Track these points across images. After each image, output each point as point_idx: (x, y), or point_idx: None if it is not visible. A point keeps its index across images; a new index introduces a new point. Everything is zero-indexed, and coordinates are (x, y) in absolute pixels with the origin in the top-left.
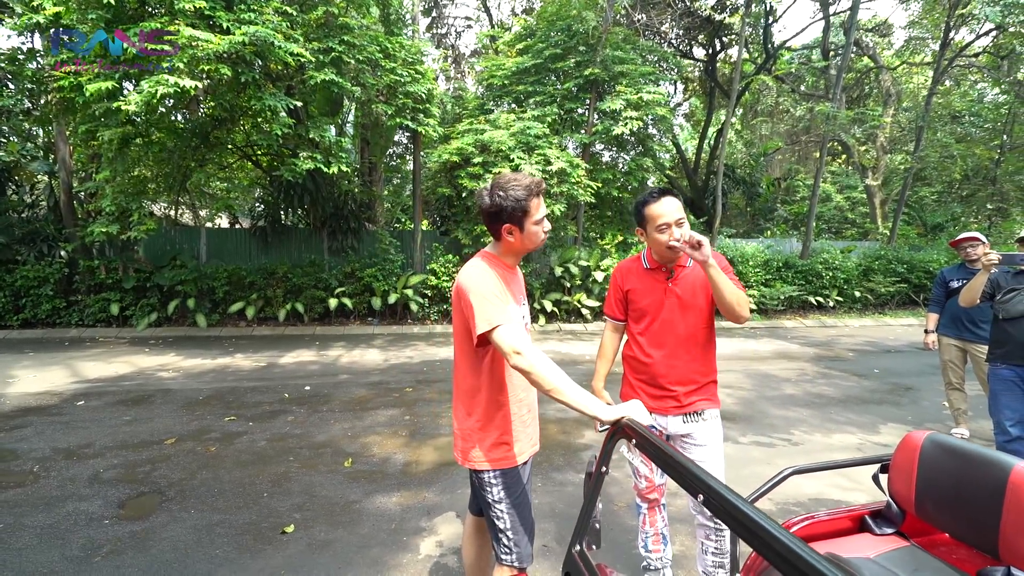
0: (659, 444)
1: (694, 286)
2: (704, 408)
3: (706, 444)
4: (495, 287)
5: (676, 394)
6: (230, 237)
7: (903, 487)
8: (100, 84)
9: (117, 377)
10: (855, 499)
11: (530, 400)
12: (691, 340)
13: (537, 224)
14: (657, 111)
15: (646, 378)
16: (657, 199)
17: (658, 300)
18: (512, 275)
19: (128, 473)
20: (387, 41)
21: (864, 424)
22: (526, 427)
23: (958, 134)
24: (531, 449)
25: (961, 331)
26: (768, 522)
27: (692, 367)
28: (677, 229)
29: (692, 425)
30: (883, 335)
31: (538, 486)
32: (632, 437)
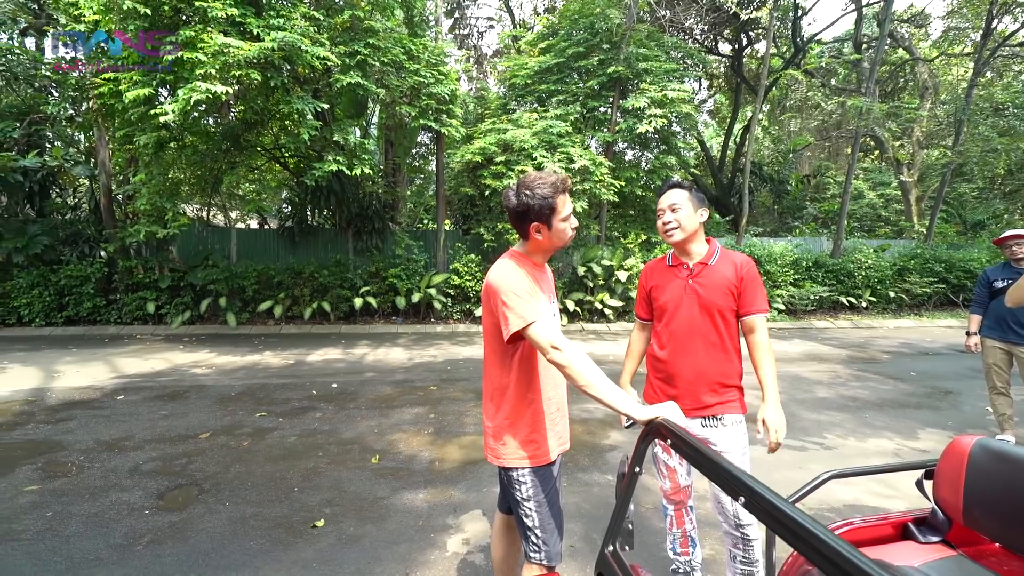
0: (695, 444)
1: (716, 285)
2: (724, 413)
3: (727, 451)
4: (526, 285)
5: (693, 395)
6: (259, 237)
7: (950, 494)
8: (138, 91)
9: (154, 373)
10: (892, 506)
11: (559, 398)
12: (710, 340)
13: (564, 221)
14: (682, 108)
15: (664, 377)
16: (664, 191)
17: (677, 297)
18: (541, 273)
19: (166, 466)
20: (411, 43)
21: (901, 429)
22: (555, 425)
23: (1000, 127)
24: (560, 447)
25: (1006, 333)
26: (814, 525)
27: (711, 368)
28: (669, 213)
29: (711, 431)
30: (920, 337)
31: (564, 486)
32: (667, 437)
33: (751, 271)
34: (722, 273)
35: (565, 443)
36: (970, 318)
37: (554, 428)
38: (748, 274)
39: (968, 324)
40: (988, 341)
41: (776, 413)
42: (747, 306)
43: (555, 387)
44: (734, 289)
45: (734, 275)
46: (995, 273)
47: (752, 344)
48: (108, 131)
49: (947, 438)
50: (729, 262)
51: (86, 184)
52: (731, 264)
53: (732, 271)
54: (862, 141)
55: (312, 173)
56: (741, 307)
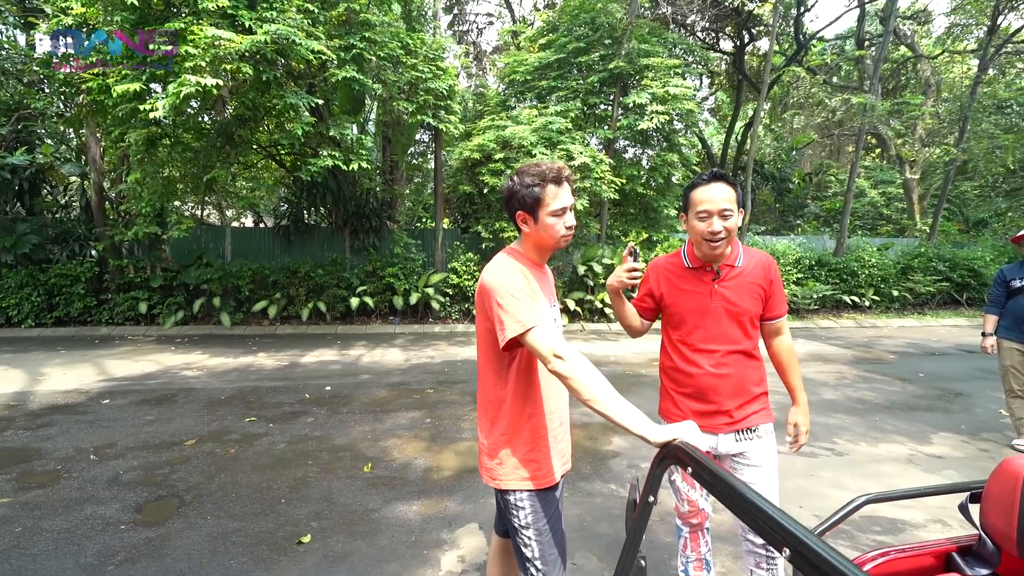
0: (719, 473)
1: (743, 288)
2: (759, 423)
3: (760, 464)
4: (524, 285)
5: (728, 409)
6: (254, 236)
7: (1001, 521)
8: (127, 86)
9: (143, 375)
10: (913, 517)
11: (562, 412)
12: (740, 348)
13: (555, 216)
14: (684, 105)
15: (692, 392)
16: (706, 183)
17: (702, 304)
18: (540, 273)
19: (147, 475)
20: (408, 37)
21: (913, 433)
22: (558, 442)
23: (1004, 124)
24: (563, 467)
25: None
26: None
27: (743, 378)
28: (719, 221)
29: (746, 443)
30: (925, 336)
31: (565, 496)
32: (686, 464)
33: (777, 271)
34: (751, 276)
35: (568, 462)
36: (986, 318)
37: (557, 446)
38: (775, 275)
39: (984, 324)
40: (1006, 343)
41: (806, 417)
42: (775, 309)
43: (557, 400)
44: (763, 292)
45: (763, 276)
46: (1012, 272)
47: (778, 348)
48: (100, 128)
49: (961, 442)
50: (756, 262)
51: (77, 182)
52: (759, 265)
53: (761, 272)
54: (864, 139)
55: (307, 168)
56: (769, 310)
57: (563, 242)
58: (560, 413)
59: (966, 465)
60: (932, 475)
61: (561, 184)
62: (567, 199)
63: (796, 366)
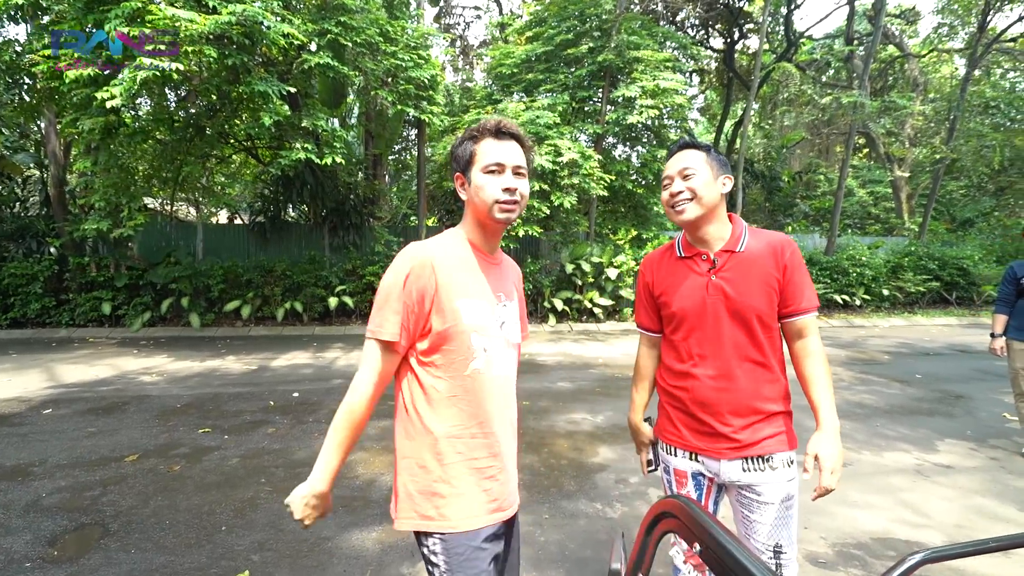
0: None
1: (749, 279)
2: (773, 451)
3: (774, 502)
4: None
5: (731, 430)
6: (228, 233)
7: None
8: (80, 71)
9: (95, 382)
10: (926, 537)
11: (495, 439)
12: (747, 354)
13: (488, 173)
14: (674, 100)
15: (686, 408)
16: (674, 152)
17: (696, 300)
18: (488, 261)
19: (73, 499)
20: (388, 24)
21: (918, 440)
22: (481, 475)
23: (991, 124)
24: (492, 512)
25: None
26: None
27: (753, 393)
28: (681, 181)
29: (756, 474)
30: (917, 336)
31: (544, 518)
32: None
33: (795, 256)
34: (756, 262)
35: (508, 507)
36: (995, 318)
37: (482, 480)
38: (792, 260)
39: (993, 325)
40: (1016, 344)
41: (834, 447)
42: (793, 302)
43: (482, 421)
44: (776, 283)
45: (774, 263)
46: (1023, 269)
47: (801, 353)
48: (59, 117)
49: (969, 450)
50: (764, 245)
51: (36, 175)
52: (768, 248)
53: (771, 258)
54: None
55: (279, 162)
56: (785, 305)
57: (499, 211)
58: (491, 440)
59: (978, 476)
60: (945, 489)
61: (502, 138)
62: (511, 156)
63: (824, 378)
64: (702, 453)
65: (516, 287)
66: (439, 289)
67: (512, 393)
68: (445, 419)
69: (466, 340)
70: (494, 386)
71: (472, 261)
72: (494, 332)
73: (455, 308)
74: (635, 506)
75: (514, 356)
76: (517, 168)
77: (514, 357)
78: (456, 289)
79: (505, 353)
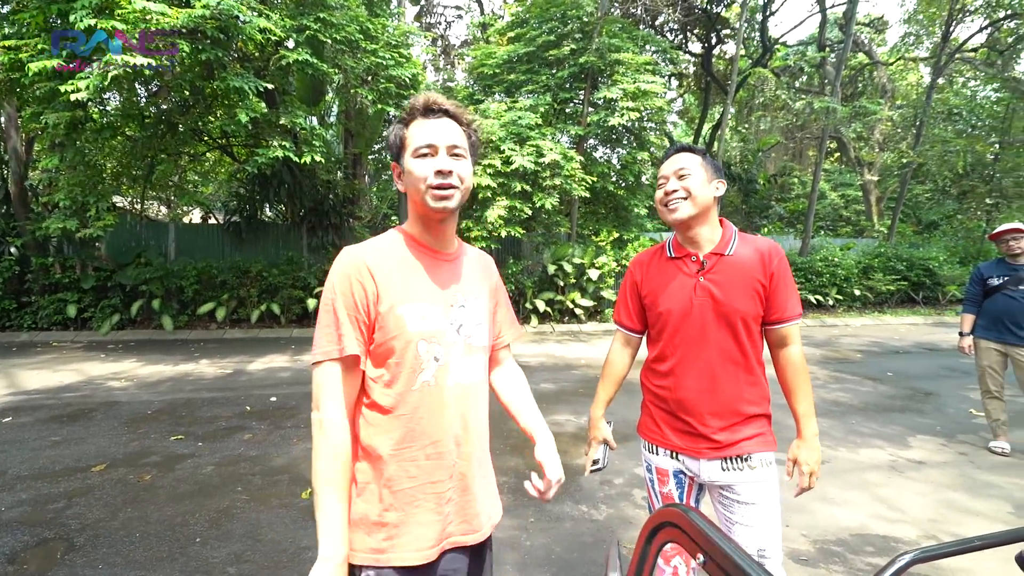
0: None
1: (737, 283)
2: (751, 451)
3: (755, 502)
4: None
5: (711, 431)
6: (201, 233)
7: None
8: (44, 63)
9: (59, 388)
10: (902, 532)
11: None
12: (730, 356)
13: (420, 156)
14: (654, 102)
15: (669, 407)
16: (670, 155)
17: (683, 301)
18: (437, 258)
19: (36, 512)
20: (368, 21)
21: (891, 436)
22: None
23: (956, 130)
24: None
25: (1003, 333)
26: None
27: (733, 393)
28: (676, 181)
29: (735, 474)
30: (887, 335)
31: (530, 522)
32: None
33: (782, 264)
34: (744, 267)
35: (473, 530)
36: (962, 317)
37: (441, 506)
38: (779, 268)
39: (961, 324)
40: (983, 342)
41: (813, 451)
42: (778, 311)
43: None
44: (761, 288)
45: (761, 269)
46: (989, 270)
47: (784, 360)
48: (22, 112)
49: (939, 446)
50: (752, 251)
51: None
52: (755, 254)
53: (758, 264)
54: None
55: (255, 160)
56: (771, 312)
57: (433, 198)
58: (453, 460)
59: (948, 470)
60: (918, 484)
61: (432, 115)
62: (444, 136)
63: (804, 387)
64: (682, 452)
65: (486, 282)
66: (379, 296)
67: (479, 403)
68: (394, 440)
69: (412, 350)
70: (450, 398)
71: (415, 260)
72: (449, 338)
73: (398, 316)
74: (620, 508)
75: (481, 361)
76: (452, 148)
77: (481, 363)
78: (397, 294)
79: (465, 360)
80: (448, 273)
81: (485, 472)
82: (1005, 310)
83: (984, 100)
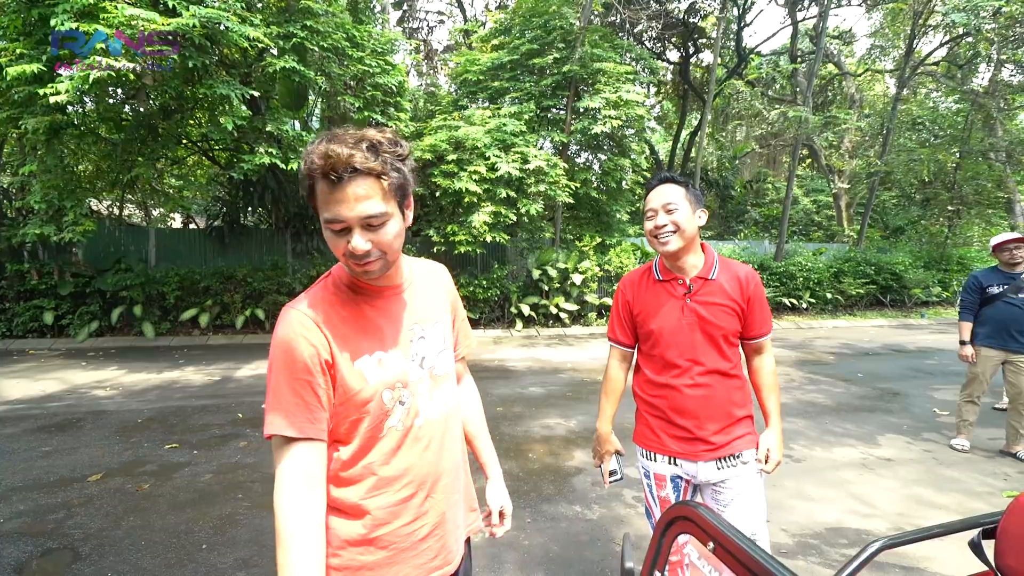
0: (760, 559)
1: (720, 305)
2: (743, 449)
3: (745, 492)
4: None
5: (707, 434)
6: (183, 238)
7: (1020, 561)
8: (23, 67)
9: (42, 397)
10: (875, 526)
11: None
12: (718, 365)
13: (331, 231)
14: (635, 111)
15: (665, 415)
16: (655, 186)
17: (673, 321)
18: (386, 296)
19: (35, 523)
20: (354, 29)
21: (863, 435)
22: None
23: (919, 140)
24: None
25: (1007, 341)
26: None
27: (725, 399)
28: (664, 215)
29: (728, 471)
30: (857, 337)
31: (527, 523)
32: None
33: (758, 288)
34: (725, 289)
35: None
36: (961, 326)
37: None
38: (755, 292)
39: (960, 332)
40: (985, 351)
41: (779, 442)
42: (755, 328)
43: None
44: (740, 309)
45: (740, 292)
46: (988, 278)
47: (757, 366)
48: None
49: (906, 443)
50: (731, 275)
51: None
52: (734, 278)
53: (737, 287)
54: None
55: (241, 166)
56: (748, 329)
57: (356, 271)
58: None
59: (915, 467)
60: (888, 480)
61: (337, 184)
62: (351, 207)
63: (774, 388)
64: (680, 456)
65: (444, 300)
66: (334, 355)
67: (451, 432)
68: (364, 488)
69: (377, 400)
70: (420, 435)
71: (363, 308)
72: (413, 376)
73: (356, 370)
74: (612, 507)
75: (448, 389)
76: (365, 220)
77: (448, 390)
78: (351, 346)
79: (432, 395)
80: (400, 306)
81: (459, 497)
82: (1010, 318)
83: (946, 111)
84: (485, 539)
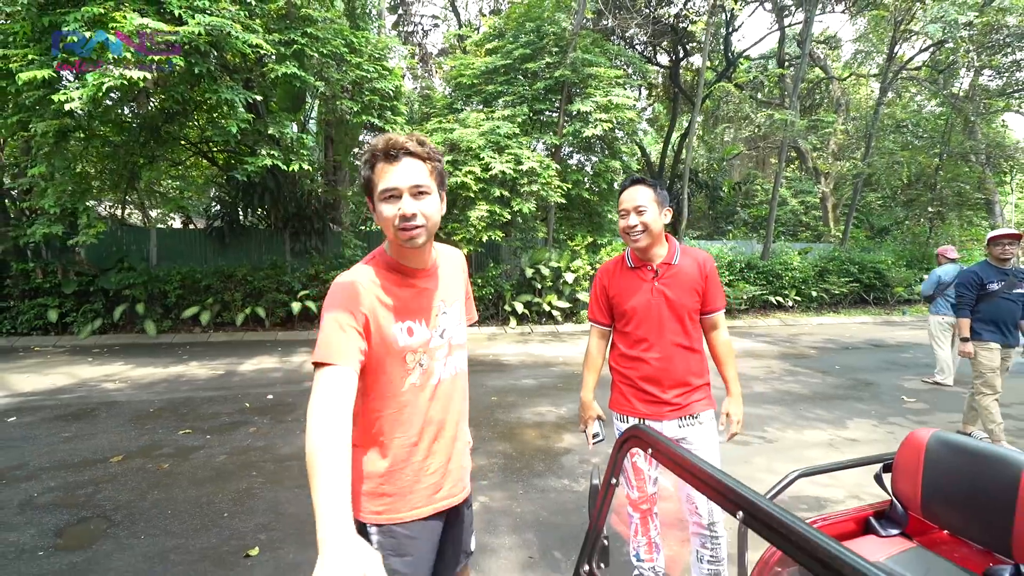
0: (676, 450)
1: (683, 286)
2: (700, 411)
3: (702, 447)
4: (342, 307)
5: (670, 396)
6: (183, 238)
7: (908, 487)
8: (34, 72)
9: (54, 390)
10: (831, 494)
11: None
12: (680, 340)
13: (385, 201)
14: (625, 114)
15: (635, 383)
16: (627, 187)
17: (644, 301)
18: (420, 276)
19: (67, 496)
20: (352, 35)
21: (832, 420)
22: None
23: (902, 142)
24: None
25: (1007, 336)
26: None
27: (685, 369)
28: (635, 216)
29: (688, 429)
30: (840, 333)
31: (519, 494)
32: (647, 446)
33: (713, 270)
34: (687, 272)
35: (455, 495)
36: (960, 323)
37: (426, 476)
38: (711, 273)
39: (960, 329)
40: (992, 344)
41: (739, 407)
42: (711, 304)
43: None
44: (700, 288)
45: (699, 274)
46: (987, 275)
47: (716, 341)
48: None
49: (872, 427)
50: (691, 260)
51: None
52: (694, 262)
53: (696, 270)
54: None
55: (244, 168)
56: (705, 305)
57: (403, 237)
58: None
59: (876, 446)
60: (850, 457)
61: (394, 160)
62: (406, 177)
63: (731, 360)
64: (648, 417)
65: (461, 279)
66: (370, 317)
67: (459, 390)
68: (383, 432)
69: (400, 361)
70: (435, 393)
71: (399, 281)
72: (434, 344)
73: (391, 334)
74: None
75: (461, 356)
76: (415, 188)
77: (461, 356)
78: (386, 315)
79: (447, 359)
80: (430, 285)
81: (463, 444)
82: (1009, 313)
83: (928, 115)
84: (482, 506)
